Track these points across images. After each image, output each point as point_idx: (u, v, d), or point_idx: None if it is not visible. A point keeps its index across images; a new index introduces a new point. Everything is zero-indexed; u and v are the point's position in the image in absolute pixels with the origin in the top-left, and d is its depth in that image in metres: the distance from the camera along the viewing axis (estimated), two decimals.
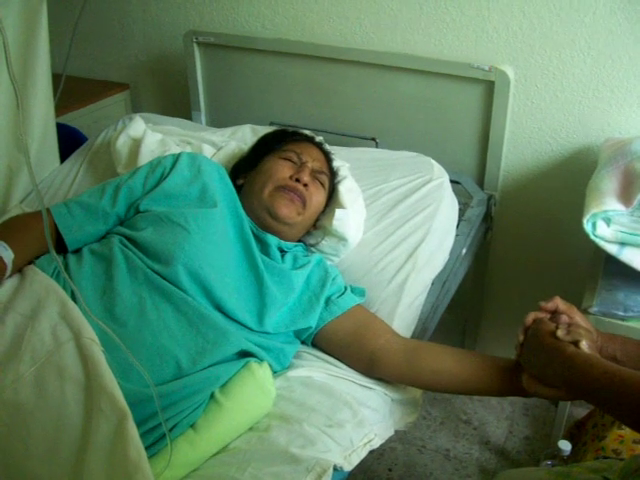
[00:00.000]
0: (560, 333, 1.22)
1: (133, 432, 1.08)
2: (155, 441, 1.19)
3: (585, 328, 1.26)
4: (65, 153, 2.05)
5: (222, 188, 1.58)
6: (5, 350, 1.19)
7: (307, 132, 1.77)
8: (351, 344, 1.48)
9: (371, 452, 1.38)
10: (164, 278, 1.37)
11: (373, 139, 2.13)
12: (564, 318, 1.28)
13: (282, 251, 1.59)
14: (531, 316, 1.33)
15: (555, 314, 1.31)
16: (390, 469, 2.12)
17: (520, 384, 1.31)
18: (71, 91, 2.30)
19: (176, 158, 1.62)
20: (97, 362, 1.16)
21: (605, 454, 1.62)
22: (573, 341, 1.20)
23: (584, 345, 1.19)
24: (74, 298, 1.29)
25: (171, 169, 1.58)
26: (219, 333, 1.33)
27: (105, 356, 1.19)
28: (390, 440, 1.47)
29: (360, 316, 1.52)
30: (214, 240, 1.46)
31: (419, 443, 2.21)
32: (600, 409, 1.18)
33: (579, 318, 1.30)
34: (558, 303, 1.32)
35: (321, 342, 1.53)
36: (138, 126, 1.89)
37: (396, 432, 1.49)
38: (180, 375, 1.25)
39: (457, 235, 1.86)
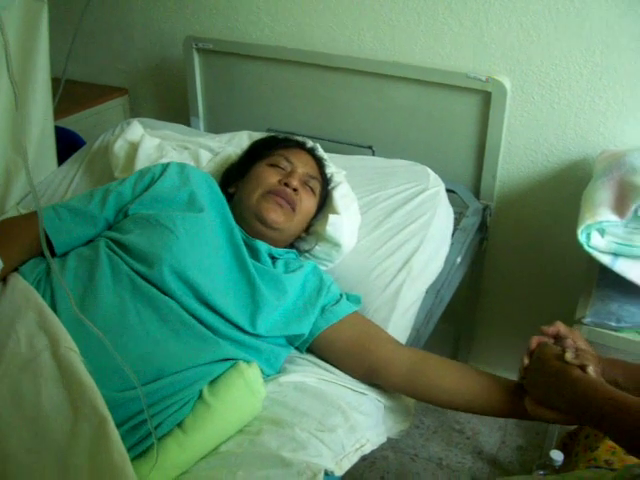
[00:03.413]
0: (568, 356, 1.23)
1: (115, 436, 1.08)
2: (140, 439, 1.19)
3: (590, 353, 1.27)
4: (63, 156, 2.05)
5: (211, 196, 1.59)
6: None
7: (299, 138, 1.78)
8: (351, 353, 1.48)
9: (363, 460, 1.38)
10: (148, 281, 1.36)
11: (370, 147, 2.14)
12: (570, 342, 1.28)
13: (273, 257, 1.59)
14: (535, 340, 1.34)
15: (557, 338, 1.32)
16: (382, 477, 2.11)
17: (522, 407, 1.31)
18: (70, 95, 2.31)
19: (165, 166, 1.63)
20: (76, 369, 1.16)
21: (597, 464, 1.61)
22: (580, 365, 1.21)
23: (591, 370, 1.20)
24: (54, 307, 1.29)
25: (160, 176, 1.59)
26: (201, 340, 1.34)
27: (84, 363, 1.18)
28: (382, 448, 1.48)
29: (359, 324, 1.52)
30: (202, 243, 1.46)
31: (412, 452, 2.21)
32: (603, 434, 1.19)
33: (581, 342, 1.30)
34: (560, 327, 1.33)
35: (319, 350, 1.52)
36: (136, 131, 1.90)
37: (388, 440, 1.48)
38: (163, 376, 1.25)
39: (452, 244, 1.86)
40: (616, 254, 1.62)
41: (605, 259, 1.63)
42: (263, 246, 1.57)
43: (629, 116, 1.91)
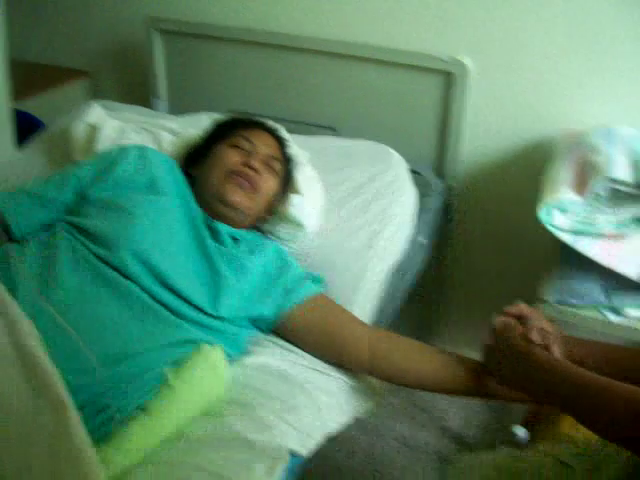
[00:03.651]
0: (532, 336, 1.24)
1: (75, 419, 1.07)
2: (103, 423, 1.18)
3: (554, 333, 1.28)
4: (22, 140, 2.02)
5: (171, 179, 1.58)
6: None
7: (260, 118, 1.76)
8: (316, 334, 1.48)
9: (330, 440, 1.39)
10: (109, 264, 1.35)
11: (332, 128, 2.13)
12: (533, 322, 1.30)
13: (235, 239, 1.58)
14: (498, 320, 1.34)
15: (521, 318, 1.33)
16: (349, 457, 2.12)
17: (486, 387, 1.32)
18: (30, 77, 2.27)
19: (125, 149, 1.61)
20: (35, 353, 1.14)
21: (559, 439, 1.64)
22: (544, 345, 1.23)
23: (555, 350, 1.22)
24: (14, 292, 1.27)
25: (120, 159, 1.57)
26: (164, 323, 1.33)
27: (44, 347, 1.16)
28: (349, 428, 1.48)
29: (323, 305, 1.51)
30: (162, 226, 1.45)
31: (378, 431, 2.22)
32: (564, 412, 1.21)
33: (544, 322, 1.31)
34: (522, 308, 1.34)
35: (284, 332, 1.51)
36: (96, 113, 1.87)
37: (355, 420, 1.49)
38: (125, 359, 1.24)
39: (416, 225, 1.86)
40: (577, 232, 1.64)
41: (566, 237, 1.64)
42: (224, 228, 1.55)
43: (589, 96, 1.93)
